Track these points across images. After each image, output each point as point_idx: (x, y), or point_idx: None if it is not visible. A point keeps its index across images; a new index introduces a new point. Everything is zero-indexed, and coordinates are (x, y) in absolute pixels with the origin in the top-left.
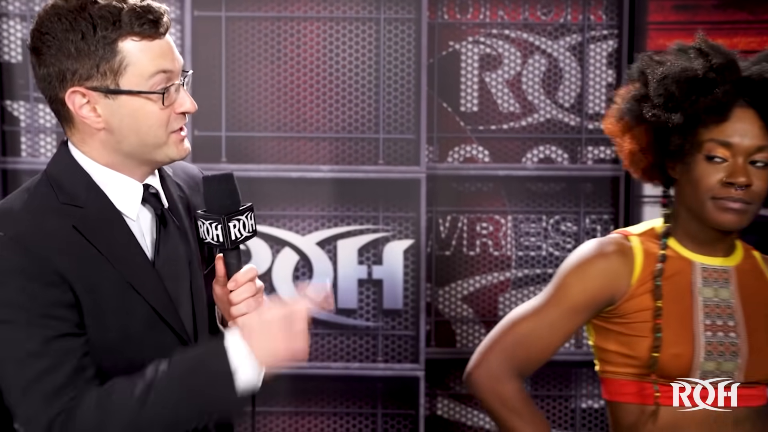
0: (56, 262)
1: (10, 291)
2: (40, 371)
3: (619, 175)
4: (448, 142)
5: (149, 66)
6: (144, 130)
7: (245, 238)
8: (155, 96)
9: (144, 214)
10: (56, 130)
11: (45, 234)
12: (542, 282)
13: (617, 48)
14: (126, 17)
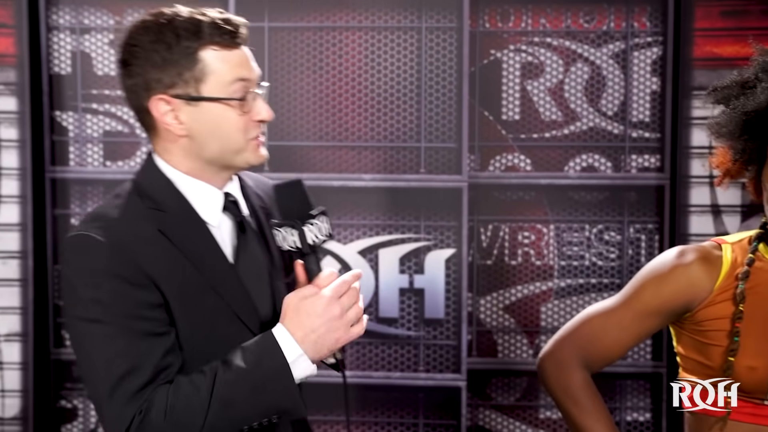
0: (145, 265)
1: (104, 292)
2: (127, 371)
3: (664, 184)
4: (489, 151)
5: (228, 74)
6: (224, 135)
7: (322, 241)
8: (234, 102)
9: (225, 222)
10: (103, 139)
11: (135, 238)
12: (585, 292)
13: (662, 55)
14: (206, 28)
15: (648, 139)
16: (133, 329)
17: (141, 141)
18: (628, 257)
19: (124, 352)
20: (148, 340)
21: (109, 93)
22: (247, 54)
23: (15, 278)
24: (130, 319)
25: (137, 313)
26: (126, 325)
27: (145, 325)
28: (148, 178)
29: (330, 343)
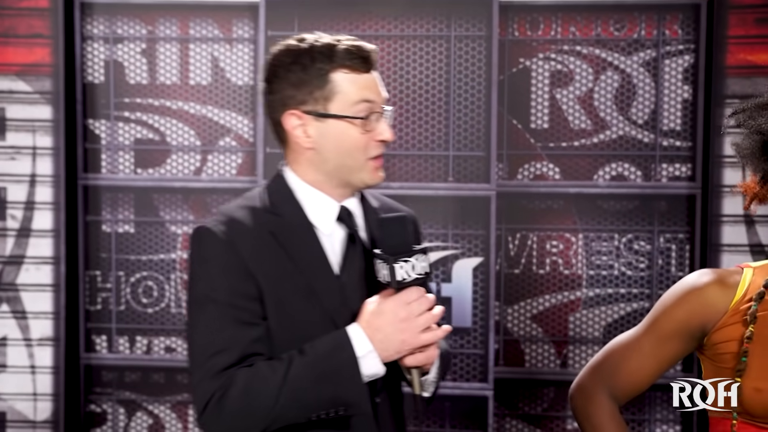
0: (250, 262)
1: (211, 279)
2: (217, 350)
3: (695, 193)
4: (518, 160)
5: (354, 95)
6: (345, 151)
7: (414, 280)
8: (357, 121)
9: (337, 232)
10: (134, 147)
11: (247, 237)
12: (614, 302)
13: (694, 63)
14: (339, 53)
15: (679, 148)
16: (230, 315)
17: (171, 149)
18: (657, 267)
19: (218, 333)
20: (240, 327)
21: (140, 101)
22: (375, 78)
23: (48, 283)
24: (229, 306)
25: (235, 302)
26: (224, 310)
27: (241, 313)
28: (274, 185)
29: (396, 344)
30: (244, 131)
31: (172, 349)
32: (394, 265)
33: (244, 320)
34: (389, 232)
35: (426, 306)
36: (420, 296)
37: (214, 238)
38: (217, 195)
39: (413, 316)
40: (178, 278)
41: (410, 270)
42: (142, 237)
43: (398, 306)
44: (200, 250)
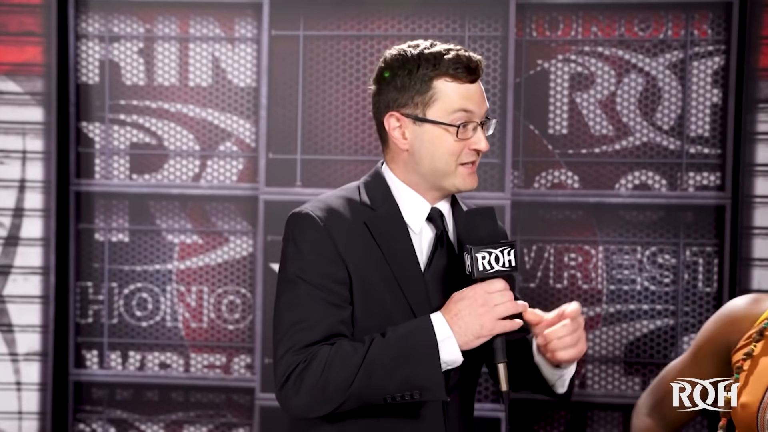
0: (343, 248)
1: (305, 261)
2: (304, 327)
3: (725, 204)
4: (534, 167)
5: (453, 103)
6: (437, 156)
7: (495, 272)
8: (452, 128)
9: (426, 231)
10: (130, 152)
11: (342, 226)
12: (636, 319)
13: (724, 65)
14: (445, 61)
15: (707, 156)
16: (318, 295)
17: (169, 153)
18: (683, 282)
19: (305, 310)
20: (327, 307)
21: (137, 104)
22: (477, 89)
23: (36, 295)
24: (318, 288)
25: (325, 284)
26: (314, 290)
27: (329, 295)
28: (372, 181)
29: (475, 329)
30: (245, 135)
31: (166, 366)
32: (477, 255)
33: (332, 302)
34: (475, 223)
35: (507, 298)
36: (502, 288)
37: (312, 223)
38: (217, 202)
39: (493, 303)
40: (174, 290)
41: (493, 261)
42: (137, 246)
43: (479, 293)
44: (297, 232)
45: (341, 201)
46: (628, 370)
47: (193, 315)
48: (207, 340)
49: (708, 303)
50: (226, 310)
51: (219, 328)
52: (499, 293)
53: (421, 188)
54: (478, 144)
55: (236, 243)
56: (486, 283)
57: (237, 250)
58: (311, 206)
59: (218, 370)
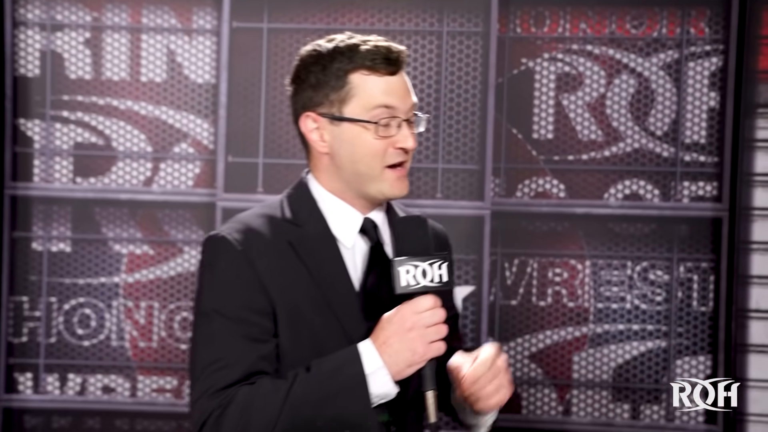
0: (264, 274)
1: (222, 290)
2: (220, 367)
3: (722, 216)
4: (517, 174)
5: (372, 99)
6: (358, 158)
7: (423, 288)
8: (371, 126)
9: (360, 245)
10: (73, 152)
11: (263, 248)
12: (626, 340)
13: (722, 67)
14: (361, 53)
15: (703, 164)
16: (236, 330)
17: (117, 155)
18: (677, 301)
19: (222, 348)
20: (246, 343)
21: (82, 99)
22: (400, 82)
23: None
24: (236, 321)
25: (244, 316)
26: (231, 324)
27: (248, 328)
28: (296, 193)
29: (406, 357)
30: (203, 136)
31: (110, 390)
32: (399, 269)
33: (252, 336)
34: (400, 233)
35: (439, 318)
36: (431, 306)
37: (228, 247)
38: (170, 209)
39: (422, 325)
40: (121, 306)
41: (420, 276)
42: (80, 257)
43: (406, 315)
44: (212, 259)
45: (261, 219)
46: (616, 396)
47: (142, 333)
48: (157, 361)
49: (703, 323)
50: (178, 328)
51: (170, 347)
52: (428, 313)
53: (349, 197)
54: (403, 142)
55: (191, 254)
56: (413, 302)
57: (192, 262)
58: (228, 228)
59: (168, 395)
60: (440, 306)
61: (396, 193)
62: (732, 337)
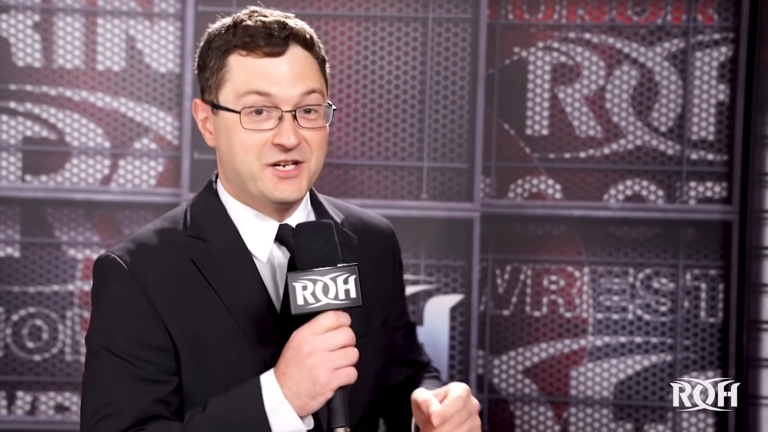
0: (160, 302)
1: (111, 322)
2: (109, 412)
3: (732, 219)
4: (509, 174)
5: (243, 84)
6: (233, 152)
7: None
8: (240, 116)
9: (278, 257)
10: (22, 148)
11: (158, 270)
12: (628, 354)
13: (732, 57)
14: (240, 30)
15: (711, 163)
16: (126, 370)
17: (72, 151)
18: (683, 311)
19: (110, 391)
20: (138, 385)
21: (31, 89)
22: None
23: None
24: (127, 359)
25: (136, 353)
26: (121, 363)
27: (143, 368)
28: (201, 200)
29: (307, 387)
30: (167, 131)
31: (64, 408)
32: (294, 285)
33: (145, 376)
34: (299, 242)
35: (344, 339)
36: (333, 325)
37: (118, 272)
38: (131, 211)
39: (323, 349)
40: (77, 316)
41: (320, 292)
42: (30, 263)
43: (303, 338)
44: (100, 286)
45: (159, 235)
46: (618, 415)
47: None
48: None
49: (712, 335)
50: None
51: None
52: (329, 334)
53: (250, 201)
54: (279, 137)
55: None
56: (310, 323)
57: None
58: (120, 247)
59: None
60: (346, 325)
61: (281, 196)
62: (743, 351)
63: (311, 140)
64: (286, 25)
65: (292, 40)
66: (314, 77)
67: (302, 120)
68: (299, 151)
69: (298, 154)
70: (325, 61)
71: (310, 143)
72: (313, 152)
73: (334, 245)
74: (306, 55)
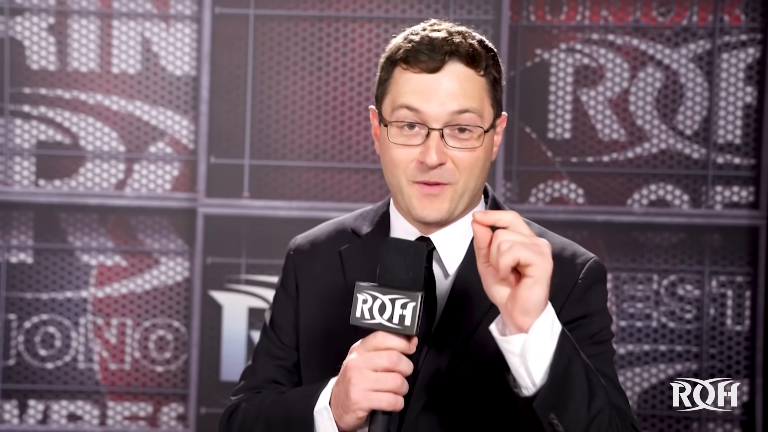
0: (303, 282)
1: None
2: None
3: (759, 225)
4: (531, 178)
5: (398, 97)
6: (385, 165)
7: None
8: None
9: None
10: (36, 152)
11: (313, 255)
12: (652, 362)
13: (760, 58)
14: (406, 42)
15: (738, 167)
16: (271, 338)
17: (86, 155)
18: (709, 318)
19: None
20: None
21: (46, 93)
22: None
23: None
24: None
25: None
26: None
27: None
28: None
29: (343, 401)
30: (182, 135)
31: (77, 417)
32: (357, 296)
33: (278, 345)
34: (386, 255)
35: (386, 362)
36: (383, 346)
37: (287, 255)
38: (145, 216)
39: (364, 366)
40: (90, 323)
41: (376, 310)
42: (44, 269)
43: (356, 350)
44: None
45: (332, 227)
46: (642, 425)
47: (113, 354)
48: (129, 385)
49: (738, 344)
50: (154, 348)
51: (145, 370)
52: (374, 354)
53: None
54: (423, 155)
55: (169, 266)
56: (367, 338)
57: (169, 275)
58: (304, 233)
59: (142, 423)
60: (397, 349)
61: (421, 214)
62: None
63: (459, 161)
64: (450, 40)
65: (452, 56)
66: (472, 96)
67: (451, 139)
68: (443, 172)
69: (442, 175)
70: (497, 80)
71: (457, 164)
72: (461, 174)
73: (416, 267)
74: (468, 73)
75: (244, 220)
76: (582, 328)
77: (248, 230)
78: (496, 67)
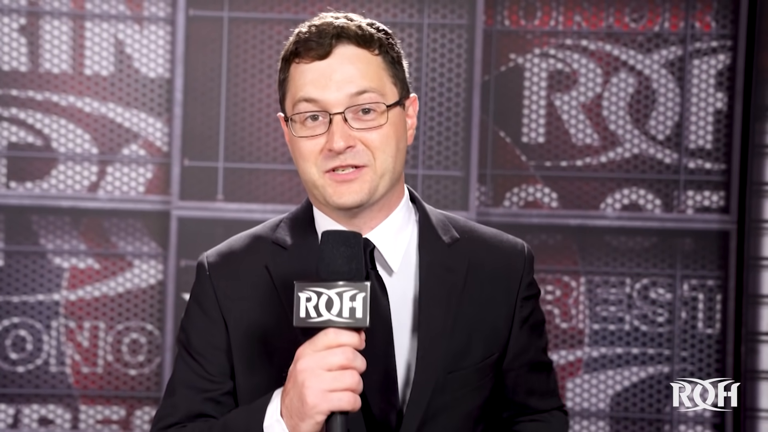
0: (225, 301)
1: (189, 319)
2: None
3: (729, 229)
4: (505, 182)
5: (296, 93)
6: (296, 162)
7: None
8: (292, 124)
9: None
10: (7, 154)
11: (233, 271)
12: (624, 365)
13: (730, 65)
14: (295, 37)
15: (709, 172)
16: (191, 367)
17: (58, 157)
18: (680, 322)
19: (175, 384)
20: (196, 381)
21: (17, 94)
22: (324, 68)
23: None
24: (194, 356)
25: (201, 351)
26: (189, 360)
27: (205, 367)
28: (300, 210)
29: (298, 408)
30: (156, 137)
31: (48, 421)
32: (299, 294)
33: (204, 375)
34: (322, 250)
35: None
36: (334, 343)
37: (200, 273)
38: (119, 218)
39: (317, 367)
40: (62, 327)
41: (323, 307)
42: (15, 272)
43: (302, 353)
44: (193, 284)
45: (249, 240)
46: (614, 427)
47: (85, 357)
48: (102, 388)
49: (709, 347)
50: (127, 352)
51: (117, 373)
52: (327, 352)
53: (325, 209)
54: (329, 142)
55: (142, 269)
56: (312, 338)
57: (143, 278)
58: (215, 248)
59: (115, 426)
60: (349, 345)
61: (341, 202)
62: (741, 363)
63: (369, 141)
64: (335, 24)
65: (341, 39)
66: (369, 76)
67: (355, 122)
68: (354, 154)
69: (354, 157)
70: (395, 60)
71: (368, 144)
72: (375, 153)
73: (357, 259)
74: (360, 53)
75: (218, 222)
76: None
77: (222, 233)
78: (391, 47)
